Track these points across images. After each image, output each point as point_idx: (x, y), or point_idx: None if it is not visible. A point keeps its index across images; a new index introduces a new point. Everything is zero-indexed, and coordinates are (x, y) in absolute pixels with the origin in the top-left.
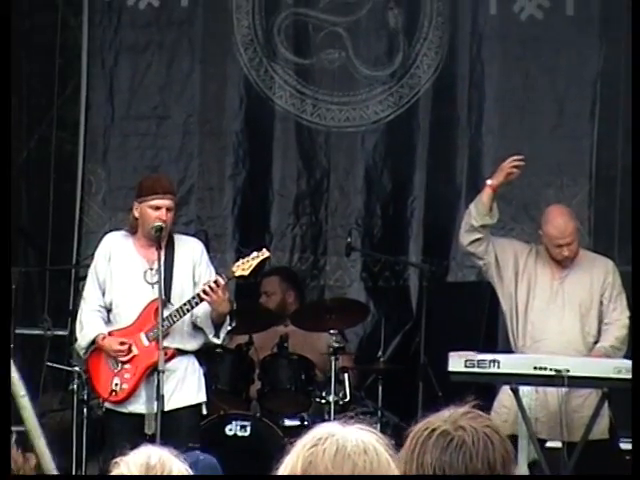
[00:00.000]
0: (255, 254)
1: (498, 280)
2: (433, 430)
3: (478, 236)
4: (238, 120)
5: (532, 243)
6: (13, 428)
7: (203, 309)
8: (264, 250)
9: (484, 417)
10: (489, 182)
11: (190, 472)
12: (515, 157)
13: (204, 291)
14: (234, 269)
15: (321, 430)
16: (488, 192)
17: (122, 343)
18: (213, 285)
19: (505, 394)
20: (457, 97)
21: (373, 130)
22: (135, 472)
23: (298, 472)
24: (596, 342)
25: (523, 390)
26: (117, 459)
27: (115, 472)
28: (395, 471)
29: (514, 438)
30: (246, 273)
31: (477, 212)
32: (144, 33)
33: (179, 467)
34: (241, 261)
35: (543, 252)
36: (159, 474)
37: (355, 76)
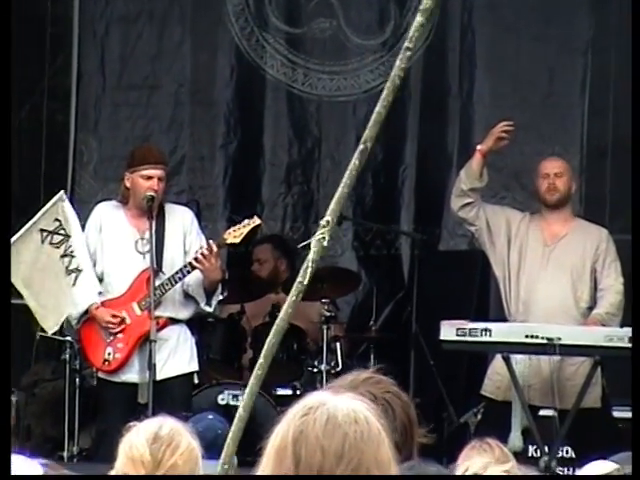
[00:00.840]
0: (246, 222)
1: (490, 246)
2: None
3: (468, 200)
4: (229, 89)
5: (525, 211)
6: None
7: (195, 277)
8: (255, 218)
9: (385, 382)
10: (479, 147)
11: (198, 448)
12: (505, 122)
13: (196, 258)
14: (226, 236)
15: (312, 399)
16: (478, 157)
17: (114, 316)
18: (206, 252)
19: (498, 361)
20: (448, 66)
21: (364, 99)
22: (143, 439)
23: (289, 441)
24: (590, 308)
25: (516, 357)
26: (132, 424)
27: (126, 436)
28: (386, 440)
29: (508, 404)
30: (237, 240)
31: (467, 176)
32: (135, 3)
33: (188, 442)
34: (232, 229)
35: (536, 219)
36: (165, 446)
37: (346, 45)
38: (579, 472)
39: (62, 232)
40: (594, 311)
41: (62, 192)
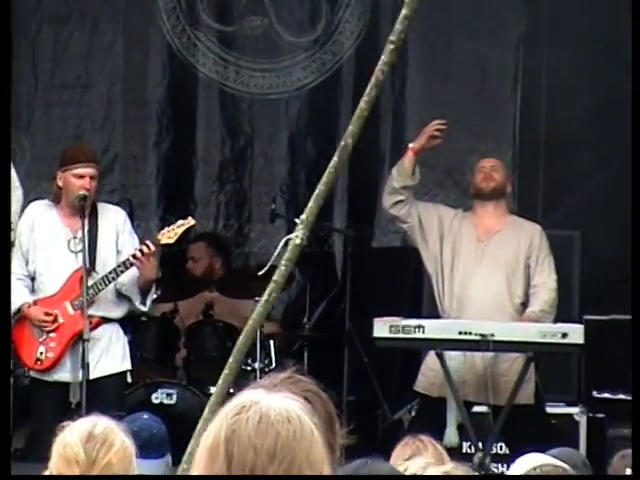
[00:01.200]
0: (180, 222)
1: (422, 243)
2: None
3: (400, 198)
4: (161, 88)
5: (458, 208)
6: None
7: (129, 276)
8: (190, 218)
9: (304, 381)
10: (411, 145)
11: (132, 447)
12: (438, 121)
13: (134, 256)
14: (160, 237)
15: (245, 398)
16: (410, 155)
17: (47, 314)
18: (145, 249)
19: (432, 357)
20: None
21: (296, 97)
22: (76, 438)
23: (221, 440)
24: (523, 304)
25: (450, 353)
26: (65, 423)
27: (59, 436)
28: (319, 440)
29: (442, 400)
30: (172, 241)
31: (399, 174)
32: (67, 1)
33: (121, 441)
34: (167, 229)
35: (469, 216)
36: (99, 445)
37: (278, 43)
38: (512, 466)
39: None
40: (528, 309)
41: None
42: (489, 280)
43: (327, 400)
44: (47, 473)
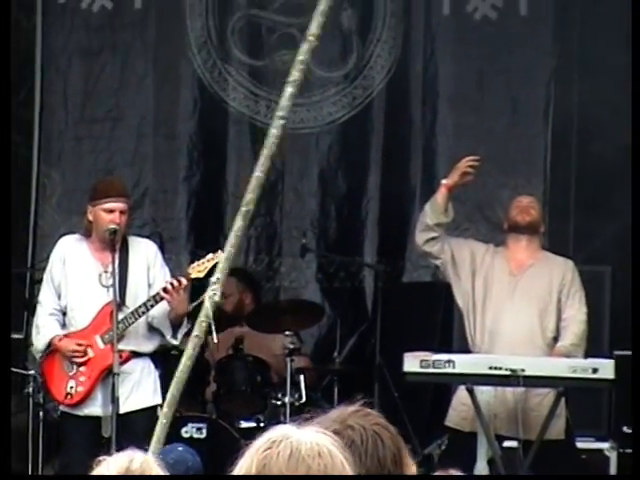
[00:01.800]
0: (210, 256)
1: (455, 278)
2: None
3: (433, 235)
4: (192, 122)
5: (489, 243)
6: None
7: (160, 310)
8: (219, 252)
9: (373, 414)
10: (444, 182)
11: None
12: (470, 157)
13: (164, 289)
14: (190, 271)
15: (275, 432)
16: (443, 192)
17: (79, 344)
18: (175, 283)
19: (463, 391)
20: (411, 98)
21: (327, 131)
22: (114, 473)
23: (252, 475)
24: (555, 338)
25: (481, 387)
26: (101, 457)
27: (95, 470)
28: (349, 473)
29: (473, 435)
30: (202, 275)
31: (432, 211)
32: (98, 36)
33: (159, 474)
34: (196, 263)
35: (501, 250)
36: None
37: (309, 77)
38: None
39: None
40: (559, 343)
41: None
42: (521, 314)
43: (395, 434)
44: None
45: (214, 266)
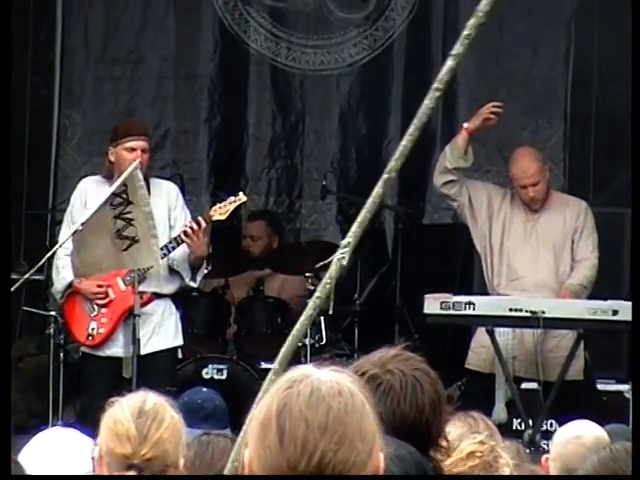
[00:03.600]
0: (232, 198)
1: (472, 221)
2: (363, 374)
3: (451, 178)
4: (213, 64)
5: (507, 186)
6: None
7: (180, 252)
8: (241, 194)
9: (415, 359)
10: (466, 125)
11: (181, 422)
12: (494, 103)
13: (185, 232)
14: (211, 213)
15: (296, 372)
16: (464, 135)
17: (99, 285)
18: (195, 226)
19: (482, 334)
20: (432, 40)
21: (348, 73)
22: (127, 414)
23: (273, 414)
24: None
25: (500, 329)
26: (114, 399)
27: (109, 411)
28: (370, 412)
29: (492, 377)
30: (223, 217)
31: (452, 154)
32: None
33: (172, 416)
34: (218, 205)
35: (517, 196)
36: (150, 420)
37: (329, 19)
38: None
39: (124, 196)
40: (567, 281)
41: (138, 161)
42: (538, 259)
43: (435, 378)
44: (96, 448)
45: (236, 208)
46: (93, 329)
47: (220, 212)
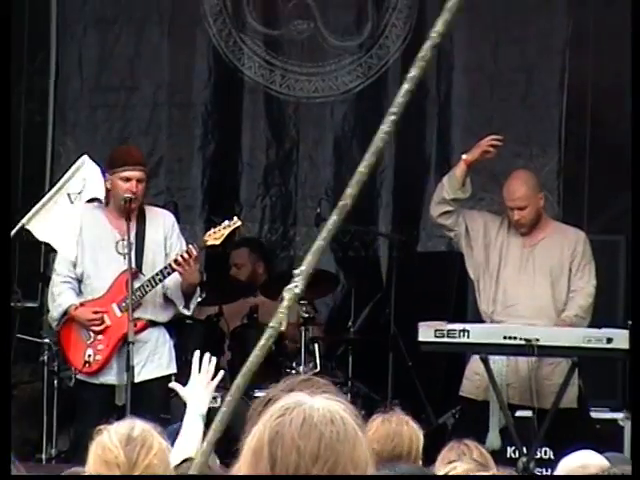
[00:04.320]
0: (227, 223)
1: (467, 250)
2: (269, 400)
3: (448, 209)
4: (207, 91)
5: (502, 214)
6: None
7: (173, 280)
8: (235, 219)
9: (322, 384)
10: (464, 157)
11: (169, 448)
12: (494, 136)
13: (176, 261)
14: (206, 238)
15: (289, 400)
16: (462, 167)
17: (95, 312)
18: (185, 255)
19: (477, 361)
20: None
21: (342, 101)
22: (116, 441)
23: (265, 442)
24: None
25: (494, 356)
26: (102, 427)
27: (97, 439)
28: (362, 440)
29: (487, 404)
30: (218, 242)
31: (450, 185)
32: (113, 4)
33: (160, 443)
34: (213, 230)
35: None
36: (139, 447)
37: (324, 47)
38: (565, 460)
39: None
40: (563, 313)
41: (85, 156)
42: (534, 286)
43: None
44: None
45: (231, 233)
46: (90, 356)
47: (214, 237)
